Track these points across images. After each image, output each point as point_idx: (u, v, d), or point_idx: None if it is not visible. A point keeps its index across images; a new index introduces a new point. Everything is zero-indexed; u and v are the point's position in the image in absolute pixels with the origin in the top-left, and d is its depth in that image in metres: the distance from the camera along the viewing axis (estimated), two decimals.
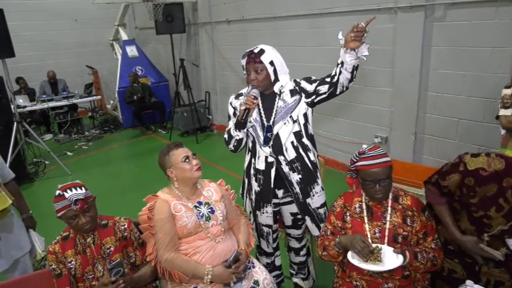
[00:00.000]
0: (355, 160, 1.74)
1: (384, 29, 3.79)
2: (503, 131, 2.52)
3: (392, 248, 1.66)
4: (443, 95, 3.51)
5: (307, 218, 2.17)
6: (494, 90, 3.13)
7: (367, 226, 1.75)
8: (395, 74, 3.79)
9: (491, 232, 1.64)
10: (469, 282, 1.53)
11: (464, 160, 1.59)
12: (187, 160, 1.86)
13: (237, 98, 2.14)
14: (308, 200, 2.13)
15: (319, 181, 2.16)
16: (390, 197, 1.75)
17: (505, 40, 3.00)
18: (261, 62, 1.95)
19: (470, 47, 3.22)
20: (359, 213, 1.78)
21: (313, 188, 2.13)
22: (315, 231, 2.20)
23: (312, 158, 2.11)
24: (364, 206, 1.78)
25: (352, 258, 1.65)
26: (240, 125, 2.01)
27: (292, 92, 2.04)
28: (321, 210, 2.18)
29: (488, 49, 3.11)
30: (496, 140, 3.19)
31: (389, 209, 1.73)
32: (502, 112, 2.40)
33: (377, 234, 1.73)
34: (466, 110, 3.36)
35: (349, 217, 1.80)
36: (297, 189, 2.10)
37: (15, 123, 4.81)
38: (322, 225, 2.18)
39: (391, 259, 1.62)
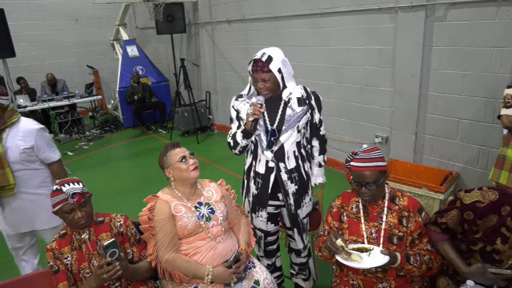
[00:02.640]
0: (349, 159, 1.75)
1: (384, 28, 3.79)
2: (505, 131, 2.52)
3: (381, 249, 1.66)
4: (443, 94, 3.50)
5: (295, 230, 2.20)
6: (495, 90, 3.13)
7: (363, 226, 1.75)
8: (395, 73, 3.79)
9: (504, 267, 1.56)
10: (469, 282, 1.53)
11: (459, 196, 1.60)
12: (183, 160, 1.86)
13: (237, 99, 2.12)
14: (298, 211, 2.16)
15: (309, 191, 2.19)
16: (387, 197, 1.75)
17: (505, 40, 2.99)
18: (269, 71, 1.90)
19: (470, 46, 3.22)
20: (355, 213, 1.79)
21: (304, 198, 2.15)
22: (300, 244, 2.25)
23: (306, 168, 2.14)
24: (360, 206, 1.78)
25: (339, 256, 1.67)
26: (249, 134, 2.00)
27: (300, 101, 2.02)
28: (305, 220, 2.23)
29: (489, 49, 3.10)
30: (496, 139, 3.19)
31: (385, 209, 1.73)
32: (504, 112, 2.39)
33: (373, 235, 1.73)
34: (467, 109, 3.36)
35: (346, 217, 1.81)
36: (291, 200, 2.11)
37: None
38: (304, 235, 2.25)
39: (377, 258, 1.62)
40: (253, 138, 2.05)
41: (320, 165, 2.21)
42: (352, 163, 1.71)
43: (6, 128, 2.20)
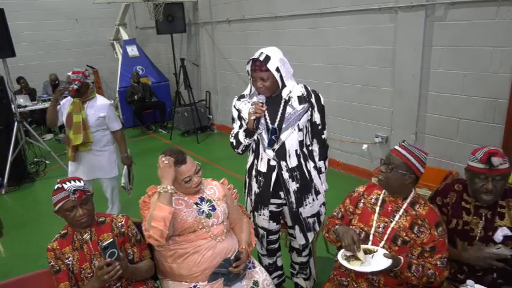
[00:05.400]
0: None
1: (384, 28, 3.79)
2: None
3: (385, 252, 1.64)
4: (444, 94, 3.50)
5: (296, 227, 2.19)
6: (495, 90, 3.13)
7: (375, 217, 1.76)
8: (396, 73, 3.79)
9: (478, 235, 1.74)
10: (469, 282, 1.53)
11: (428, 198, 1.93)
12: (189, 180, 1.83)
13: (239, 99, 2.12)
14: (300, 209, 2.14)
15: (313, 191, 2.16)
16: (408, 200, 1.74)
17: (505, 40, 2.99)
18: (267, 70, 1.91)
19: (471, 46, 3.22)
20: (372, 204, 1.80)
21: (307, 197, 2.13)
22: (301, 240, 2.22)
23: (309, 167, 2.13)
24: (380, 199, 1.79)
25: (341, 258, 1.66)
26: (251, 133, 2.01)
27: (301, 99, 2.03)
28: (310, 220, 2.19)
29: (489, 49, 3.10)
30: (496, 139, 3.19)
31: (401, 210, 1.73)
32: None
33: (380, 229, 1.73)
34: (467, 109, 3.36)
35: (362, 204, 1.83)
36: (292, 198, 2.10)
37: (16, 122, 4.82)
38: (309, 234, 2.21)
39: (379, 262, 1.60)
40: (255, 137, 2.05)
41: (321, 172, 2.19)
42: (395, 146, 1.78)
43: (88, 101, 3.03)
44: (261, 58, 1.91)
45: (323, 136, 2.15)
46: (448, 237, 1.78)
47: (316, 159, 2.16)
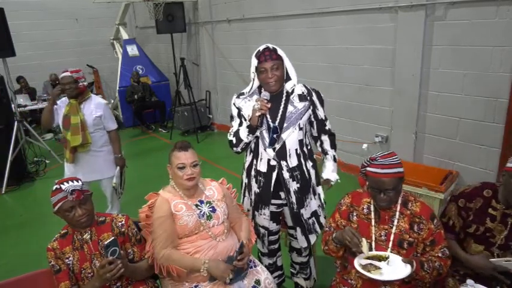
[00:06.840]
0: (366, 165, 1.70)
1: (384, 28, 3.78)
2: None
3: (400, 257, 1.62)
4: (444, 94, 3.50)
5: (298, 229, 2.17)
6: (495, 90, 3.13)
7: (373, 228, 1.72)
8: (396, 73, 3.78)
9: (498, 242, 1.72)
10: (469, 281, 1.53)
11: (452, 193, 1.94)
12: (182, 168, 1.86)
13: (239, 97, 2.12)
14: (302, 211, 2.13)
15: (311, 190, 2.16)
16: (399, 201, 1.72)
17: (505, 39, 2.99)
18: (278, 58, 1.91)
19: (471, 46, 3.21)
20: (366, 215, 1.76)
21: (307, 198, 2.13)
22: (303, 243, 2.21)
23: (309, 166, 2.12)
24: (372, 208, 1.75)
25: (359, 268, 1.61)
26: (254, 130, 1.99)
27: (301, 97, 2.02)
28: (310, 221, 2.19)
29: (489, 48, 3.10)
30: (496, 139, 3.19)
31: (397, 213, 1.71)
32: None
33: (382, 237, 1.70)
34: (467, 109, 3.36)
35: (355, 217, 1.78)
36: (293, 199, 2.09)
37: (16, 122, 4.82)
38: (311, 236, 2.20)
39: (398, 268, 1.58)
40: (258, 134, 2.04)
41: (335, 160, 2.19)
42: (369, 169, 1.66)
43: (84, 101, 3.02)
44: (270, 47, 1.93)
45: (327, 127, 2.16)
46: (461, 240, 1.82)
47: (328, 147, 2.18)
